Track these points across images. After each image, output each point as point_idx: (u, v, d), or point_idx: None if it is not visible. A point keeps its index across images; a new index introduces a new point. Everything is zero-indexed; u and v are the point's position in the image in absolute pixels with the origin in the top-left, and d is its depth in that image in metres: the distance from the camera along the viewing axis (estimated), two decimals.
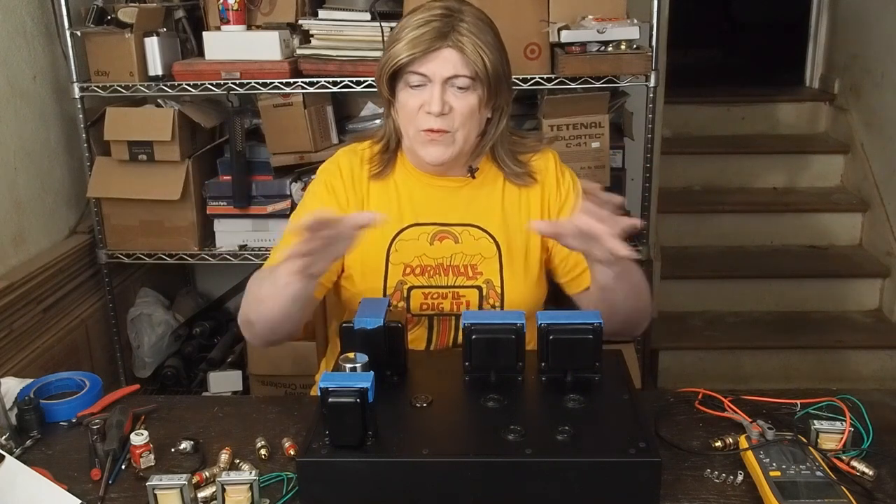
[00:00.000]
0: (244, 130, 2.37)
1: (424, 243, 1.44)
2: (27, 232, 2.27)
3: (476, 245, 1.44)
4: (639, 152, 2.34)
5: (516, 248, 1.45)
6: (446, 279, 1.43)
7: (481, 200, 1.46)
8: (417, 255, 1.43)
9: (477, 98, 1.34)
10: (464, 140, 1.37)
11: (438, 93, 1.32)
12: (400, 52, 1.32)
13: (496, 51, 1.35)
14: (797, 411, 1.25)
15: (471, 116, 1.35)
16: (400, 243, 1.43)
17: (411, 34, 1.32)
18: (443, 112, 1.32)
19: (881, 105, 3.44)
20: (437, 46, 1.31)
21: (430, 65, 1.32)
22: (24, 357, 2.09)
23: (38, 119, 2.32)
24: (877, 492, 1.06)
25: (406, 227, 1.44)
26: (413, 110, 1.35)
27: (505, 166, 1.46)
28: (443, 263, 1.43)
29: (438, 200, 1.45)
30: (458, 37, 1.31)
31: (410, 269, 1.43)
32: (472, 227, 1.44)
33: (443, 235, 1.44)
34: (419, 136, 1.36)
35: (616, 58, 2.11)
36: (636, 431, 1.06)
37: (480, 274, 1.43)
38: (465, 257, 1.44)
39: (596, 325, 1.19)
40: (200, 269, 3.00)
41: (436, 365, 1.31)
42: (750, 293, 3.37)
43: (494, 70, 1.33)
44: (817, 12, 4.12)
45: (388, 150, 1.46)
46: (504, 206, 1.46)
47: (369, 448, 1.04)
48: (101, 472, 1.13)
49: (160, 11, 2.33)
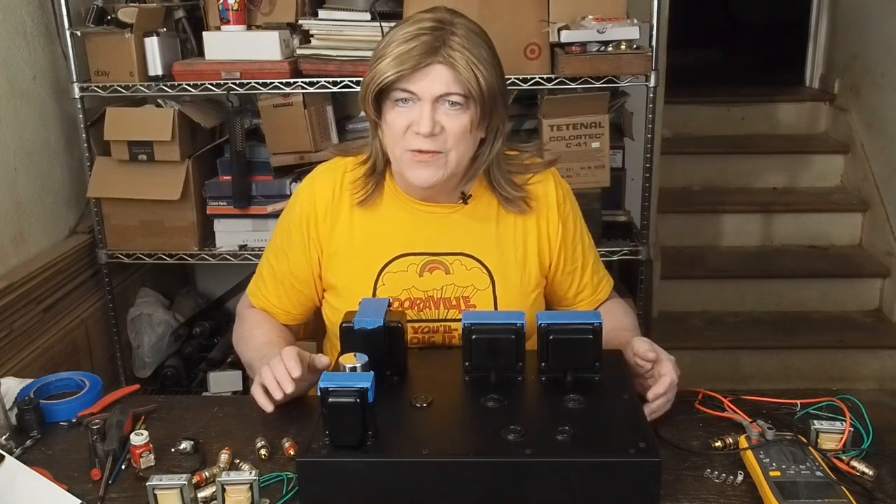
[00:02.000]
0: (244, 130, 2.37)
1: (413, 275, 1.36)
2: (27, 232, 2.26)
3: (468, 276, 1.37)
4: (639, 152, 2.34)
5: (512, 277, 1.38)
6: (437, 312, 1.37)
7: (474, 228, 1.38)
8: (406, 288, 1.36)
9: (469, 117, 1.25)
10: (456, 162, 1.28)
11: (428, 112, 1.22)
12: (386, 70, 1.22)
13: (490, 66, 1.25)
14: (797, 411, 1.25)
15: (463, 137, 1.26)
16: (388, 276, 1.36)
17: (398, 49, 1.22)
18: (433, 132, 1.23)
19: (881, 105, 3.44)
20: (427, 63, 1.21)
21: (419, 83, 1.22)
22: (24, 357, 2.09)
23: (38, 119, 2.32)
24: (877, 492, 1.06)
25: (394, 258, 1.36)
26: (400, 130, 1.25)
27: (501, 190, 1.36)
28: (433, 296, 1.37)
29: (428, 228, 1.37)
30: (450, 52, 1.21)
31: (399, 302, 1.36)
32: (464, 257, 1.37)
33: (433, 266, 1.37)
34: (406, 158, 1.27)
35: (616, 58, 2.11)
36: (636, 431, 1.06)
37: (473, 306, 1.37)
38: (457, 289, 1.37)
39: (596, 325, 1.19)
40: (200, 269, 3.00)
41: (436, 365, 1.31)
42: (750, 293, 3.37)
43: (489, 87, 1.23)
44: (817, 12, 4.12)
45: (375, 172, 1.36)
46: (499, 233, 1.38)
47: (369, 448, 1.04)
48: (101, 472, 1.13)
49: (160, 11, 2.33)
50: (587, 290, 1.47)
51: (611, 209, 2.41)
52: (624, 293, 1.55)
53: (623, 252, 2.34)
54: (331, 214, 1.38)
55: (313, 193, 1.39)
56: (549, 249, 1.41)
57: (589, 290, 1.47)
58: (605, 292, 1.50)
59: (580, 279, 1.46)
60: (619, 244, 2.35)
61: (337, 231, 1.38)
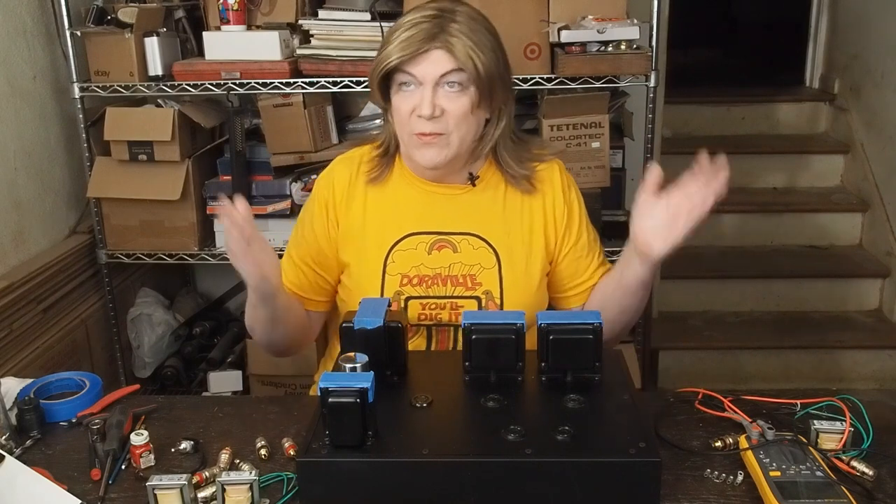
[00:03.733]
0: (244, 130, 2.38)
1: (422, 253, 1.41)
2: (27, 232, 2.27)
3: (475, 255, 1.41)
4: (639, 152, 2.34)
5: (517, 257, 1.42)
6: (444, 289, 1.41)
7: (481, 208, 1.43)
8: (415, 265, 1.41)
9: (469, 99, 1.31)
10: (459, 142, 1.34)
11: (429, 95, 1.29)
12: (390, 55, 1.30)
13: (490, 51, 1.31)
14: (797, 411, 1.25)
15: (465, 118, 1.32)
16: (397, 253, 1.41)
17: (402, 35, 1.29)
18: (434, 115, 1.29)
19: (881, 105, 3.44)
20: (426, 48, 1.28)
21: (419, 66, 1.29)
22: (24, 357, 2.09)
23: (38, 119, 2.32)
24: (877, 492, 1.06)
25: (404, 236, 1.41)
26: (406, 114, 1.33)
27: (508, 168, 1.43)
28: (441, 273, 1.41)
29: (437, 208, 1.43)
30: (448, 37, 1.28)
31: (408, 279, 1.40)
32: (472, 237, 1.42)
33: (441, 245, 1.42)
34: (412, 140, 1.34)
35: (616, 58, 2.11)
36: (636, 431, 1.06)
37: (479, 284, 1.41)
38: (464, 267, 1.41)
39: (596, 325, 1.19)
40: (200, 269, 3.00)
41: (436, 365, 1.31)
42: (750, 293, 3.37)
43: (487, 71, 1.30)
44: (817, 12, 4.12)
45: (387, 154, 1.44)
46: (506, 213, 1.44)
47: (369, 448, 1.04)
48: (101, 472, 1.13)
49: (160, 11, 2.33)
50: (590, 281, 1.49)
51: (611, 209, 2.41)
52: None
53: None
54: (347, 196, 1.44)
55: (332, 180, 1.46)
56: (555, 231, 1.45)
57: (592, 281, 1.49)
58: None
59: (584, 270, 1.48)
60: (619, 244, 2.33)
61: (352, 211, 1.44)
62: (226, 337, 2.71)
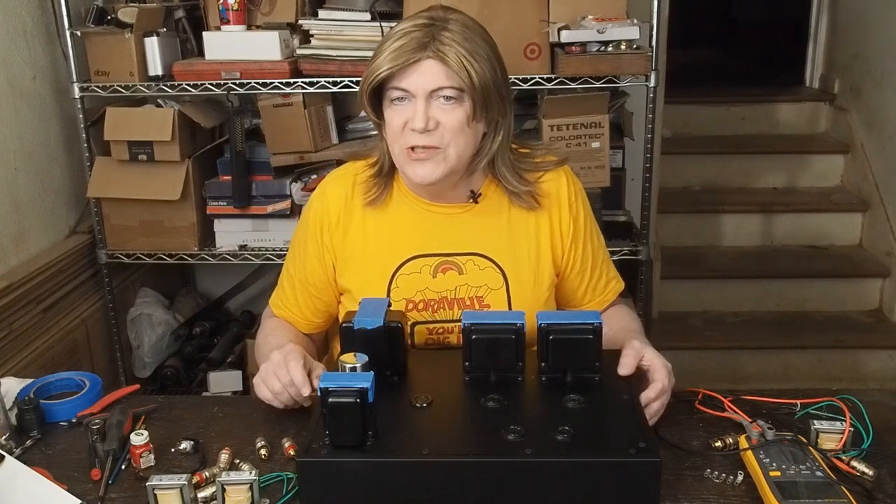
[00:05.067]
0: (244, 130, 2.37)
1: (427, 276, 1.36)
2: (27, 232, 2.27)
3: (482, 276, 1.36)
4: (639, 152, 2.34)
5: (525, 275, 1.38)
6: (451, 313, 1.36)
7: (486, 226, 1.37)
8: (420, 290, 1.36)
9: (465, 111, 1.24)
10: (457, 157, 1.27)
11: (422, 107, 1.23)
12: (380, 66, 1.23)
13: (485, 60, 1.24)
14: (797, 411, 1.25)
15: (461, 131, 1.25)
16: (401, 278, 1.36)
17: (392, 46, 1.23)
18: (427, 128, 1.23)
19: (881, 105, 3.44)
20: (417, 58, 1.22)
21: (410, 78, 1.23)
22: (24, 357, 2.09)
23: (38, 119, 2.32)
24: (877, 492, 1.06)
25: (407, 259, 1.36)
26: (398, 128, 1.26)
27: (507, 184, 1.36)
28: (447, 297, 1.36)
29: (440, 228, 1.37)
30: (440, 47, 1.21)
31: (413, 304, 1.36)
32: (477, 256, 1.36)
33: (446, 267, 1.36)
34: (404, 155, 1.27)
35: (616, 58, 2.11)
36: (636, 431, 1.06)
37: (487, 306, 1.36)
38: (471, 289, 1.36)
39: (596, 325, 1.19)
40: (200, 269, 3.00)
41: (436, 365, 1.31)
42: (750, 293, 3.37)
43: (482, 81, 1.23)
44: (817, 12, 4.12)
45: (383, 173, 1.37)
46: (511, 230, 1.38)
47: (369, 448, 1.04)
48: (101, 472, 1.13)
49: (160, 11, 2.33)
50: (595, 290, 1.46)
51: (611, 209, 2.41)
52: (624, 293, 1.54)
53: (623, 252, 2.34)
54: (343, 219, 1.39)
55: (325, 201, 1.40)
56: (562, 246, 1.41)
57: (598, 290, 1.46)
58: (614, 293, 1.49)
59: (588, 279, 1.45)
60: (619, 244, 2.35)
61: (350, 235, 1.39)
62: (226, 337, 2.71)
